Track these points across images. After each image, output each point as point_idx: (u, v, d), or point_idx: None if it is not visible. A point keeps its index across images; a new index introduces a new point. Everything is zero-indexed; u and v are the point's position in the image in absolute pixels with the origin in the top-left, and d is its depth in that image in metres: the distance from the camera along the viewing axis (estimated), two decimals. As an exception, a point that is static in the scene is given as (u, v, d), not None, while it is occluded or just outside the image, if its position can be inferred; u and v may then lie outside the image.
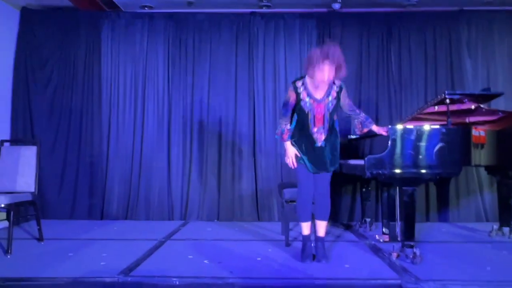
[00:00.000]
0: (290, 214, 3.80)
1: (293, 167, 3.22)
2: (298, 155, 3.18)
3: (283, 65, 5.35)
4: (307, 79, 3.15)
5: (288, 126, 3.21)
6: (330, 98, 3.15)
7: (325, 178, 3.25)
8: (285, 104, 3.23)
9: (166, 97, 5.37)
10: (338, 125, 3.29)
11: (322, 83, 3.08)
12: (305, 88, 3.14)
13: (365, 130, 3.31)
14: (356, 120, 3.32)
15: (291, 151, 3.19)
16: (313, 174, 3.22)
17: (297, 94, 3.15)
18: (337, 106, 3.19)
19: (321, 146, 3.15)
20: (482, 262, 3.17)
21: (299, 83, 3.17)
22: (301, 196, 3.26)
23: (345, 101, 3.24)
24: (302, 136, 3.18)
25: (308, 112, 3.13)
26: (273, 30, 5.38)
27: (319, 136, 3.14)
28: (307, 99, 3.12)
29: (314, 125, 3.13)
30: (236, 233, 4.40)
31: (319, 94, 3.14)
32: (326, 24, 5.35)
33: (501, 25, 5.31)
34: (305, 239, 3.29)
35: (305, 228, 3.30)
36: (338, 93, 3.17)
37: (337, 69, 3.02)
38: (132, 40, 5.42)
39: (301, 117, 3.17)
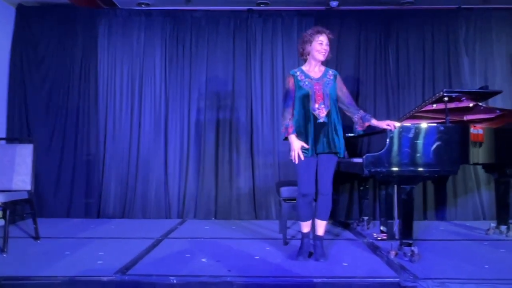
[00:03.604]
0: (288, 213, 3.79)
1: (296, 162, 3.13)
2: (306, 146, 3.11)
3: (280, 63, 5.34)
4: (302, 67, 3.31)
5: (292, 121, 3.20)
6: (326, 78, 3.23)
7: (328, 172, 3.20)
8: (286, 93, 3.30)
9: (163, 95, 5.34)
10: (339, 115, 3.25)
11: (320, 58, 3.19)
12: (302, 72, 3.26)
13: (367, 124, 3.26)
14: (356, 116, 3.29)
15: (296, 144, 3.12)
16: (316, 163, 3.17)
17: (295, 77, 3.24)
18: (335, 88, 3.23)
19: (323, 122, 3.14)
20: (480, 260, 3.18)
21: (295, 70, 3.32)
22: (301, 195, 3.21)
23: (342, 88, 3.29)
24: (304, 115, 3.17)
25: (308, 91, 3.17)
26: (271, 28, 5.36)
27: (321, 112, 3.14)
28: (305, 80, 3.21)
29: (315, 101, 3.15)
30: (234, 231, 4.38)
31: (315, 75, 3.24)
32: (324, 22, 5.28)
33: (499, 23, 5.31)
34: (304, 236, 3.30)
35: (305, 227, 3.30)
36: (334, 77, 3.26)
37: (330, 45, 3.23)
38: (129, 38, 5.39)
39: (302, 98, 3.18)
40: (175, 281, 2.70)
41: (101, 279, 2.75)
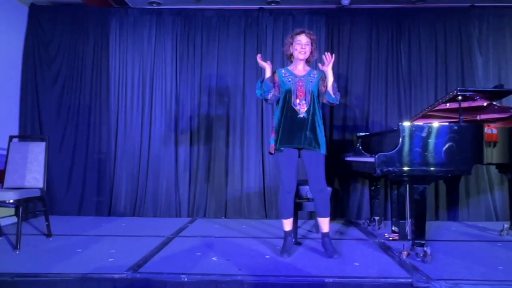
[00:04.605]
0: (298, 212, 3.77)
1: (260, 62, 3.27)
2: (268, 71, 3.26)
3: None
4: (288, 67, 3.45)
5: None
6: (310, 77, 3.32)
7: (317, 168, 3.25)
8: None
9: (173, 93, 5.36)
10: (322, 113, 3.36)
11: (300, 57, 3.29)
12: (287, 70, 3.40)
13: (328, 85, 3.24)
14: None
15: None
16: (296, 158, 3.28)
17: (279, 74, 3.34)
18: (319, 86, 3.32)
19: (303, 117, 3.23)
20: (493, 261, 3.14)
21: (281, 68, 3.46)
22: (283, 191, 3.31)
23: (321, 87, 3.36)
24: (285, 110, 3.26)
25: (291, 86, 3.27)
26: (282, 26, 5.34)
27: (301, 107, 3.23)
28: (289, 76, 3.32)
29: (297, 97, 3.25)
30: (244, 230, 4.38)
31: (299, 73, 3.34)
32: (335, 21, 5.30)
33: (512, 21, 5.24)
34: (286, 234, 3.39)
35: (287, 224, 3.38)
36: (318, 76, 3.35)
37: (313, 44, 3.33)
38: (140, 37, 5.42)
39: (284, 93, 3.28)
40: (186, 279, 2.71)
41: (113, 277, 2.77)
